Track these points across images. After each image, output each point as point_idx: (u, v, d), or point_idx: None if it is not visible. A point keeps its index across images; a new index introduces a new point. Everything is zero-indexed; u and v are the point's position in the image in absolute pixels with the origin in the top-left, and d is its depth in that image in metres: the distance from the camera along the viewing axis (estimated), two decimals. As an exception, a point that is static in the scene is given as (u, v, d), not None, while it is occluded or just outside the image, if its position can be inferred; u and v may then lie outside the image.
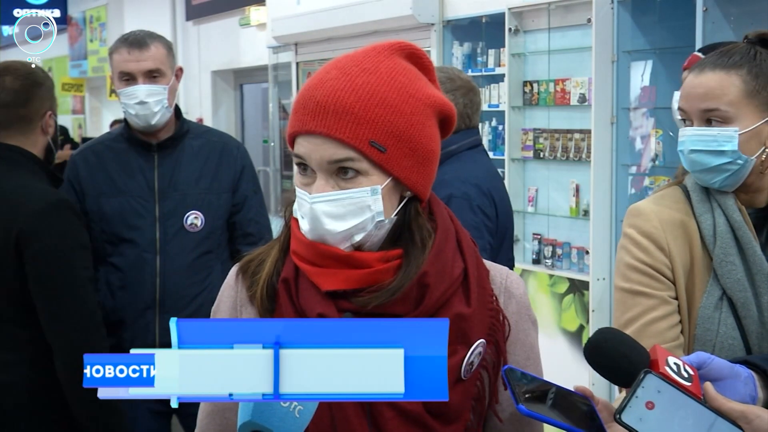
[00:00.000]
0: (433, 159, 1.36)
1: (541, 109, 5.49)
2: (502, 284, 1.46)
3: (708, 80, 1.69)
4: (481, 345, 1.38)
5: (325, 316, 1.30)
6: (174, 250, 2.79)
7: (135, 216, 2.79)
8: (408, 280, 1.31)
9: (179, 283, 2.79)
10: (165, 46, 2.84)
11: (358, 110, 1.27)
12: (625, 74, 4.87)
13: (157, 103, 2.76)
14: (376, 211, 1.30)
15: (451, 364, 1.34)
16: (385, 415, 1.32)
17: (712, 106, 1.68)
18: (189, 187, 2.82)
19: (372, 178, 1.30)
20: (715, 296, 1.71)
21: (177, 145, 2.86)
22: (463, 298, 1.38)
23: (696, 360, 1.33)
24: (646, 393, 1.20)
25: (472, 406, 1.39)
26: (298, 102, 1.33)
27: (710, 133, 1.69)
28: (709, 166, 1.70)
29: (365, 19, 6.56)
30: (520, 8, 5.44)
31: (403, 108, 1.30)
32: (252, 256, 1.45)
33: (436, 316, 1.34)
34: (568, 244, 5.34)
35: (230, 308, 1.44)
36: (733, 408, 1.27)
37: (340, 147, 1.28)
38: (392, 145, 1.29)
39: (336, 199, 1.29)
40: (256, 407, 1.11)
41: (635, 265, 1.75)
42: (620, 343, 1.30)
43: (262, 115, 10.10)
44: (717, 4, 4.18)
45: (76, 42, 13.76)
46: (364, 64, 1.32)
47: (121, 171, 2.82)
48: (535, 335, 1.49)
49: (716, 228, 1.72)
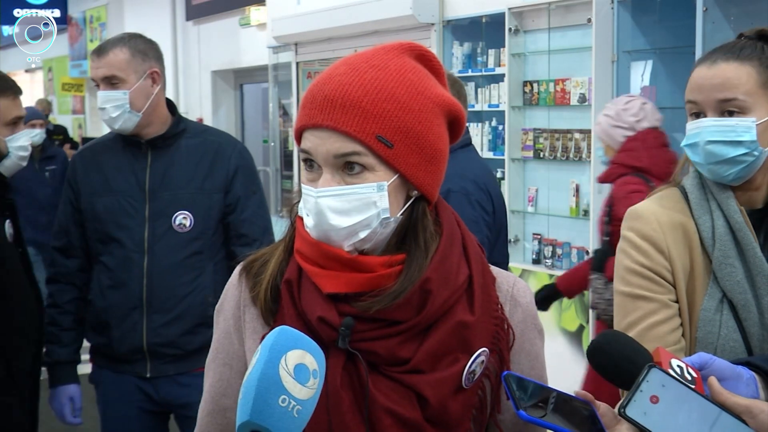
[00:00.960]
0: (441, 158, 1.35)
1: (541, 109, 5.49)
2: (508, 292, 1.44)
3: (723, 70, 1.67)
4: (483, 354, 1.36)
5: (326, 320, 1.30)
6: (162, 251, 2.77)
7: (124, 215, 2.79)
8: (410, 284, 1.30)
9: (167, 284, 2.77)
10: (130, 50, 2.80)
11: (366, 104, 1.27)
12: (625, 74, 4.87)
13: (115, 109, 2.76)
14: (381, 208, 1.29)
15: (452, 372, 1.33)
16: (384, 422, 1.30)
17: (729, 96, 1.66)
18: (180, 187, 2.81)
19: (378, 174, 1.29)
20: (715, 298, 1.70)
21: (171, 144, 2.85)
22: (466, 306, 1.36)
23: (698, 361, 1.33)
24: (650, 387, 1.20)
25: (472, 416, 1.38)
26: (306, 97, 1.32)
27: (729, 123, 1.67)
28: (726, 158, 1.68)
29: (365, 19, 6.57)
30: (520, 8, 5.44)
31: (412, 104, 1.29)
32: (256, 256, 1.44)
33: (438, 323, 1.33)
34: (568, 244, 5.34)
35: (234, 307, 1.43)
36: (737, 402, 1.26)
37: (346, 141, 1.27)
38: (399, 141, 1.28)
39: (341, 194, 1.28)
40: (255, 407, 1.10)
41: (635, 268, 1.73)
42: (623, 345, 1.29)
43: (262, 115, 10.11)
44: (717, 4, 4.18)
45: (76, 42, 13.76)
46: (373, 61, 1.32)
47: (115, 170, 2.83)
48: (541, 345, 1.48)
49: (715, 230, 1.71)
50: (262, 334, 1.35)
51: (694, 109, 1.72)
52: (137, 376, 2.81)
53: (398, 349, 1.31)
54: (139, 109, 2.78)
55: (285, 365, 1.12)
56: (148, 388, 2.82)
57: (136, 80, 2.79)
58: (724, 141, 1.67)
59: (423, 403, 1.32)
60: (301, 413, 1.12)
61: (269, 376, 1.11)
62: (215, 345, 1.46)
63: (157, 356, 2.78)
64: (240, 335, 1.42)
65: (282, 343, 1.14)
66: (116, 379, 2.84)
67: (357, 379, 1.31)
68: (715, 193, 1.73)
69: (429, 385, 1.32)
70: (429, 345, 1.32)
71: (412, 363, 1.32)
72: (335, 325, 1.30)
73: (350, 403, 1.30)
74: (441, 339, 1.33)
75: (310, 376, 1.14)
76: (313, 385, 1.14)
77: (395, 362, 1.32)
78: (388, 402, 1.31)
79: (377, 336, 1.31)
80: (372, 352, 1.31)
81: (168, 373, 2.80)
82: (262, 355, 1.13)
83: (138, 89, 2.78)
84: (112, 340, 2.81)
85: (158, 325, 2.76)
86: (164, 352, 2.78)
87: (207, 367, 1.48)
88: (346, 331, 1.29)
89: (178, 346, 2.77)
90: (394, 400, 1.31)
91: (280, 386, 1.11)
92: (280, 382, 1.11)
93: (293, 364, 1.13)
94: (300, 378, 1.12)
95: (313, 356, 1.16)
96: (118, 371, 2.83)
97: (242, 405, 1.12)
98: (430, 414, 1.33)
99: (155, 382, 2.81)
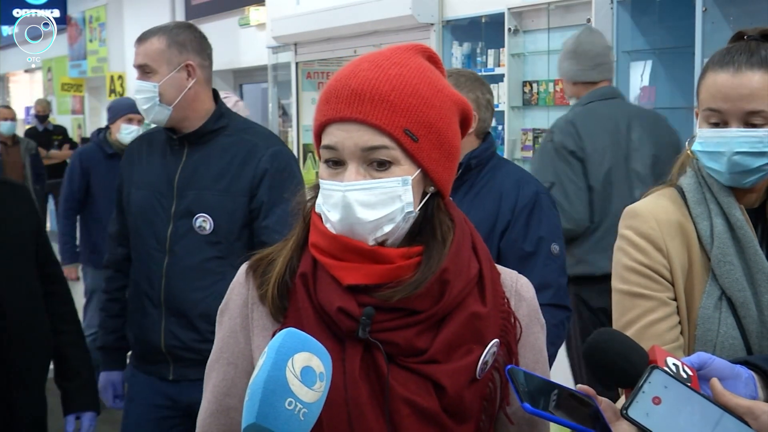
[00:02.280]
0: (456, 155, 1.39)
1: (540, 109, 5.49)
2: (512, 287, 1.46)
3: (751, 81, 1.65)
4: (495, 345, 1.38)
5: (346, 311, 1.31)
6: (181, 251, 2.70)
7: (152, 211, 2.73)
8: (430, 274, 1.32)
9: (183, 286, 2.69)
10: (167, 40, 2.71)
11: (394, 98, 1.30)
12: (624, 74, 4.86)
13: (145, 101, 2.69)
14: (405, 202, 1.32)
15: (467, 363, 1.35)
16: (402, 412, 1.32)
17: (758, 108, 1.65)
18: (205, 186, 2.69)
19: (403, 168, 1.32)
20: (714, 296, 1.71)
21: (208, 141, 2.73)
22: (478, 298, 1.39)
23: (697, 360, 1.33)
24: (652, 388, 1.21)
25: (483, 407, 1.39)
26: (329, 92, 1.34)
27: (757, 134, 1.65)
28: (751, 168, 1.68)
29: (365, 19, 6.57)
30: (520, 8, 5.45)
31: (433, 101, 1.33)
32: (261, 256, 1.45)
33: (453, 314, 1.36)
34: (568, 244, 5.34)
35: (240, 306, 1.43)
36: (739, 404, 1.27)
37: (375, 134, 1.30)
38: (423, 136, 1.32)
39: (369, 188, 1.30)
40: (261, 409, 1.11)
41: (633, 266, 1.74)
42: (619, 343, 1.30)
43: (262, 115, 10.09)
44: (717, 4, 4.18)
45: (75, 42, 13.74)
46: (394, 58, 1.35)
47: (153, 163, 2.77)
48: (544, 338, 1.50)
49: (713, 229, 1.72)
50: (272, 330, 1.36)
51: (716, 118, 1.69)
52: (161, 378, 2.76)
53: (416, 340, 1.33)
54: (170, 102, 2.68)
55: (292, 368, 1.13)
56: (172, 391, 2.76)
57: (168, 72, 2.69)
58: (752, 152, 1.66)
59: (440, 393, 1.34)
60: (307, 416, 1.12)
61: (276, 379, 1.12)
62: (219, 344, 1.46)
63: (178, 359, 2.72)
64: (247, 334, 1.42)
65: (289, 346, 1.15)
66: (143, 381, 2.81)
67: (374, 370, 1.33)
68: (717, 193, 1.74)
69: (445, 374, 1.34)
70: (445, 335, 1.35)
71: (429, 353, 1.34)
72: (356, 316, 1.31)
73: (368, 394, 1.32)
74: (456, 330, 1.35)
75: (316, 379, 1.14)
76: (319, 388, 1.14)
77: (413, 353, 1.34)
78: (406, 392, 1.32)
79: (396, 326, 1.33)
80: (391, 343, 1.33)
81: (190, 378, 2.69)
82: (269, 357, 1.14)
83: (169, 81, 2.68)
84: (135, 337, 2.80)
85: (175, 328, 2.70)
86: (183, 355, 2.71)
87: (209, 368, 1.47)
88: (367, 321, 1.31)
89: (196, 351, 2.66)
90: (412, 390, 1.33)
91: (286, 389, 1.12)
92: (286, 384, 1.12)
93: (300, 367, 1.13)
94: (307, 381, 1.13)
95: (320, 359, 1.16)
96: (145, 372, 2.80)
97: (248, 407, 1.12)
98: (446, 403, 1.35)
99: (179, 386, 2.75)
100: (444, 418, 1.35)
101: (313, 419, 1.14)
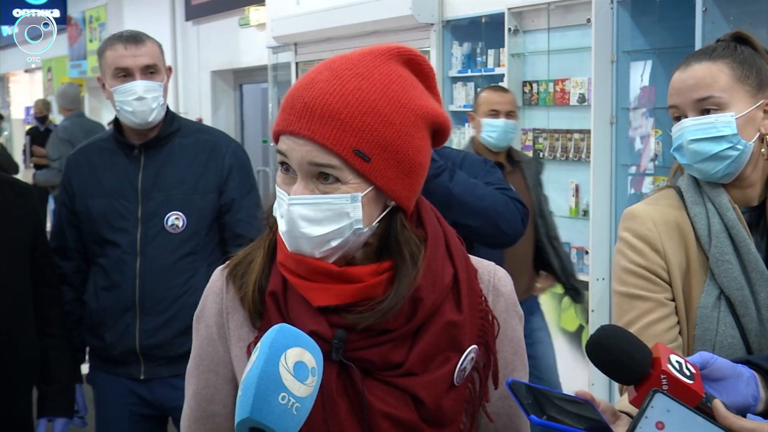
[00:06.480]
0: (420, 171, 1.31)
1: (540, 109, 5.49)
2: (490, 282, 1.44)
3: (696, 71, 1.72)
4: (473, 351, 1.37)
5: (318, 334, 1.28)
6: (154, 252, 2.74)
7: (118, 217, 2.75)
8: (401, 299, 1.29)
9: (159, 285, 2.74)
10: (158, 44, 2.81)
11: (345, 116, 1.23)
12: (624, 74, 4.87)
13: (154, 100, 2.72)
14: (354, 219, 1.27)
15: (444, 372, 1.34)
16: (381, 426, 1.31)
17: (705, 95, 1.71)
18: (172, 187, 2.76)
19: (353, 185, 1.26)
20: (713, 295, 1.72)
21: (165, 144, 2.80)
22: (453, 305, 1.36)
23: (699, 360, 1.33)
24: (655, 413, 1.18)
25: (464, 409, 1.38)
26: (286, 100, 1.29)
27: (708, 120, 1.70)
28: (711, 154, 1.70)
29: (365, 19, 6.57)
30: (520, 8, 5.44)
31: (393, 118, 1.26)
32: (237, 260, 1.43)
33: (427, 325, 1.33)
34: (568, 244, 5.33)
35: (215, 314, 1.42)
36: (743, 426, 1.24)
37: (322, 152, 1.24)
38: (377, 155, 1.25)
39: (314, 203, 1.26)
40: (255, 404, 1.11)
41: (631, 268, 1.75)
42: (623, 340, 1.29)
43: (262, 115, 10.10)
44: (716, 4, 4.18)
45: (75, 42, 13.75)
46: (358, 68, 1.28)
47: (109, 172, 2.79)
48: (521, 330, 1.48)
49: (711, 227, 1.72)
50: (248, 342, 1.36)
51: (676, 113, 1.76)
52: (131, 378, 2.79)
53: (391, 354, 1.32)
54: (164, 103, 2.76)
55: (285, 363, 1.13)
56: (143, 390, 2.80)
57: (164, 74, 2.77)
58: (706, 138, 1.70)
59: (418, 404, 1.33)
60: (300, 411, 1.12)
61: (269, 374, 1.12)
62: (197, 352, 1.44)
63: (151, 358, 2.76)
64: (225, 342, 1.41)
65: (282, 341, 1.15)
66: (110, 381, 2.83)
67: (352, 387, 1.31)
68: (708, 191, 1.75)
69: (423, 386, 1.32)
70: (420, 347, 1.32)
71: (405, 366, 1.32)
72: (327, 338, 1.29)
73: (347, 411, 1.30)
74: (431, 341, 1.33)
75: (308, 374, 1.14)
76: (311, 383, 1.14)
77: (388, 367, 1.32)
78: (384, 406, 1.31)
79: (370, 345, 1.31)
80: (365, 360, 1.31)
81: (162, 375, 2.77)
82: (262, 353, 1.14)
83: (166, 84, 2.77)
84: (106, 342, 2.79)
85: (151, 327, 2.74)
86: (157, 354, 2.75)
87: (189, 374, 1.46)
88: (339, 344, 1.29)
89: (171, 348, 2.73)
90: (390, 403, 1.31)
91: (279, 384, 1.12)
92: (279, 379, 1.12)
93: (293, 362, 1.13)
94: (299, 376, 1.13)
95: (312, 354, 1.16)
96: (112, 373, 2.82)
97: (242, 402, 1.12)
98: (425, 414, 1.33)
99: (149, 385, 2.79)
100: (424, 427, 1.33)
101: (305, 414, 1.13)
